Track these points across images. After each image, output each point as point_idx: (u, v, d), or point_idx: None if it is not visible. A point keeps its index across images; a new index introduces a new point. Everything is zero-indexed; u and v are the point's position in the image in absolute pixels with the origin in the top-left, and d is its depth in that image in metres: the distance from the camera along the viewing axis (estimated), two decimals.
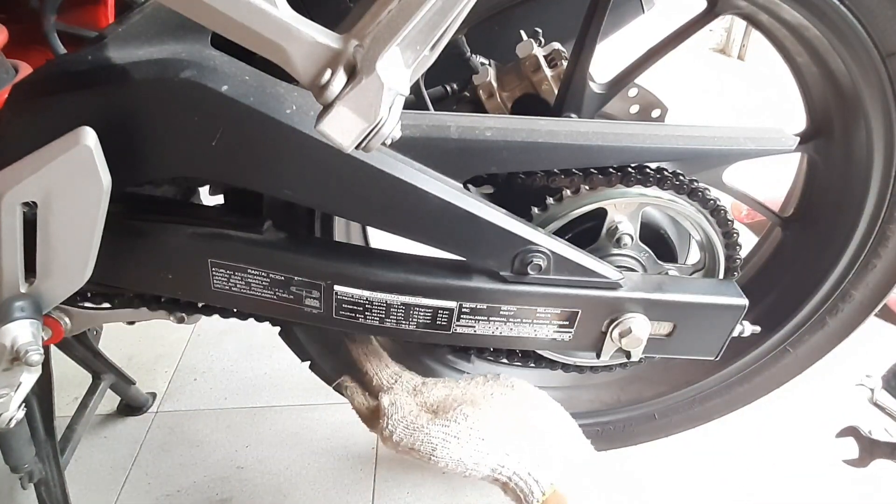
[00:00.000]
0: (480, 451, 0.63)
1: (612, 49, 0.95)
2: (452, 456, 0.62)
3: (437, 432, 0.64)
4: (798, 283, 0.90)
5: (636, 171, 0.68)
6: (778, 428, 1.23)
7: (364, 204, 0.63)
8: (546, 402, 0.72)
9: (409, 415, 0.67)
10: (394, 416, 0.66)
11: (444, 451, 0.63)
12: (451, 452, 0.62)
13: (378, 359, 0.75)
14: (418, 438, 0.64)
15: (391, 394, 0.70)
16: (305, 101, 0.58)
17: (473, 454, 0.63)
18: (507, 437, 0.64)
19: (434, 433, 0.64)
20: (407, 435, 0.64)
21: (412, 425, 0.65)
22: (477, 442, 0.64)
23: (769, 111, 2.41)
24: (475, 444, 0.63)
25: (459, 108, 0.85)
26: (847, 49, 0.69)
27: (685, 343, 0.75)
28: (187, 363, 1.39)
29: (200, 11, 0.43)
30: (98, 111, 0.55)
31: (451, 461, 0.62)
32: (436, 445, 0.63)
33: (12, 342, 0.59)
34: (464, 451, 0.63)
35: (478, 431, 0.64)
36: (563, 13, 0.88)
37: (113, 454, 1.19)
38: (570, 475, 0.64)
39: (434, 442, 0.63)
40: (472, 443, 0.63)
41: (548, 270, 0.68)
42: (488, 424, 0.65)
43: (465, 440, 0.63)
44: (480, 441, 0.64)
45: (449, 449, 0.63)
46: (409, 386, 0.71)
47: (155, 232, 0.66)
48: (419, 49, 0.45)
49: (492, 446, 0.63)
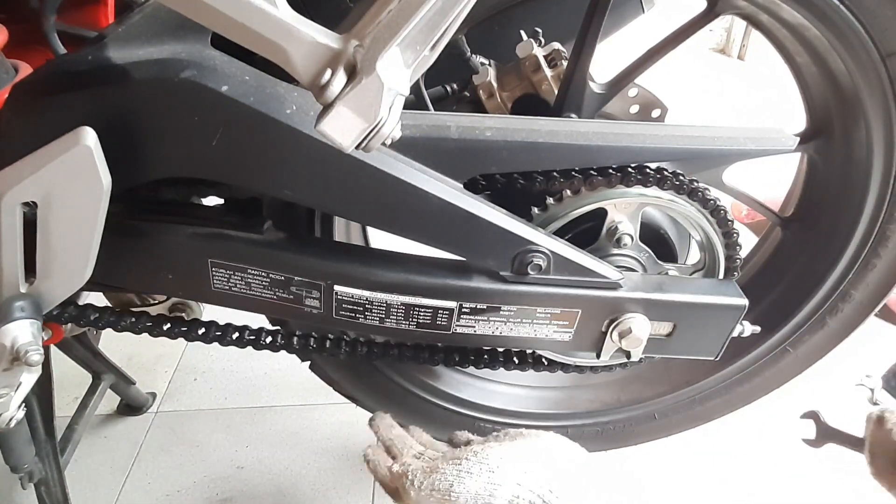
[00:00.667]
0: (494, 482, 0.64)
1: (612, 49, 0.95)
2: (469, 490, 0.64)
3: (450, 470, 0.66)
4: (798, 283, 0.90)
5: (636, 171, 0.68)
6: (778, 428, 1.23)
7: (364, 204, 0.63)
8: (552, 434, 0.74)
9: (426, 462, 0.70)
10: (412, 466, 0.69)
11: (460, 485, 0.65)
12: (467, 487, 0.64)
13: (403, 442, 0.78)
14: (436, 479, 0.66)
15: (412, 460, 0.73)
16: (305, 101, 0.58)
17: (487, 486, 0.64)
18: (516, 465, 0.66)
19: (448, 471, 0.66)
20: (425, 478, 0.67)
21: (429, 468, 0.68)
22: (488, 475, 0.65)
23: (769, 111, 2.41)
24: (486, 476, 0.65)
25: (459, 108, 0.85)
26: (847, 49, 0.69)
27: (685, 343, 0.75)
28: (187, 363, 1.39)
29: (200, 11, 0.43)
30: (98, 111, 0.55)
31: (469, 496, 0.64)
32: (451, 482, 0.65)
33: (12, 342, 0.59)
34: (478, 485, 0.64)
35: (487, 465, 0.66)
36: (563, 13, 0.88)
37: (113, 454, 1.19)
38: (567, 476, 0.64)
39: (450, 479, 0.65)
40: (483, 475, 0.65)
41: (548, 270, 0.68)
42: (497, 456, 0.67)
43: (477, 474, 0.65)
44: (491, 473, 0.65)
45: (464, 484, 0.65)
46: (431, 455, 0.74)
47: (155, 232, 0.66)
48: (419, 49, 0.45)
49: (503, 477, 0.65)
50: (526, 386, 1.02)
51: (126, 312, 0.74)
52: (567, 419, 1.01)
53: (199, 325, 0.76)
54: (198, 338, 0.75)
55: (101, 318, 0.73)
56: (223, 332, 0.76)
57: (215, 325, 0.76)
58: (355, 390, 0.95)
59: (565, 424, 1.01)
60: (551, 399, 1.02)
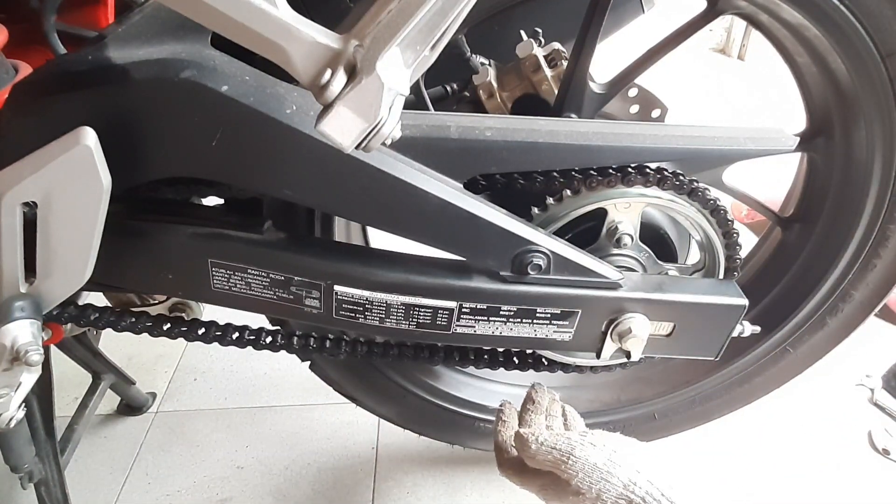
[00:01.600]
0: (614, 461, 0.64)
1: (612, 49, 0.95)
2: (589, 459, 0.64)
3: (576, 437, 0.66)
4: (798, 283, 0.90)
5: (636, 171, 0.68)
6: (778, 428, 1.23)
7: (364, 204, 0.63)
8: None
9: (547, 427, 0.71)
10: (534, 423, 0.71)
11: (582, 452, 0.64)
12: (588, 455, 0.64)
13: (544, 412, 0.77)
14: (560, 440, 0.66)
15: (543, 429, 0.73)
16: (305, 101, 0.58)
17: (608, 462, 0.64)
18: (634, 457, 0.65)
19: (573, 437, 0.66)
20: (549, 435, 0.67)
21: (551, 430, 0.69)
22: (610, 452, 0.65)
23: (769, 111, 2.41)
24: (608, 453, 0.64)
25: (459, 108, 0.85)
26: (847, 49, 0.69)
27: (685, 343, 0.75)
28: (187, 363, 1.39)
29: (200, 11, 0.43)
30: (98, 111, 0.55)
31: (587, 464, 0.63)
32: (574, 447, 0.65)
33: (12, 342, 0.59)
34: (599, 458, 0.64)
35: (612, 446, 0.66)
36: (563, 13, 0.88)
37: (113, 454, 1.19)
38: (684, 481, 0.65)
39: (573, 444, 0.65)
40: (605, 451, 0.64)
41: (548, 270, 0.68)
42: (617, 441, 0.67)
43: (601, 447, 0.65)
44: (613, 452, 0.65)
45: (586, 451, 0.64)
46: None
47: (155, 232, 0.66)
48: (419, 49, 0.45)
49: (623, 459, 0.64)
50: (526, 386, 1.02)
51: (126, 312, 0.74)
52: None
53: (199, 325, 0.76)
54: (198, 338, 0.75)
55: (101, 318, 0.73)
56: (223, 332, 0.76)
57: (215, 325, 0.76)
58: (355, 390, 0.95)
59: None
60: None
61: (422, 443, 1.10)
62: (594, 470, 0.63)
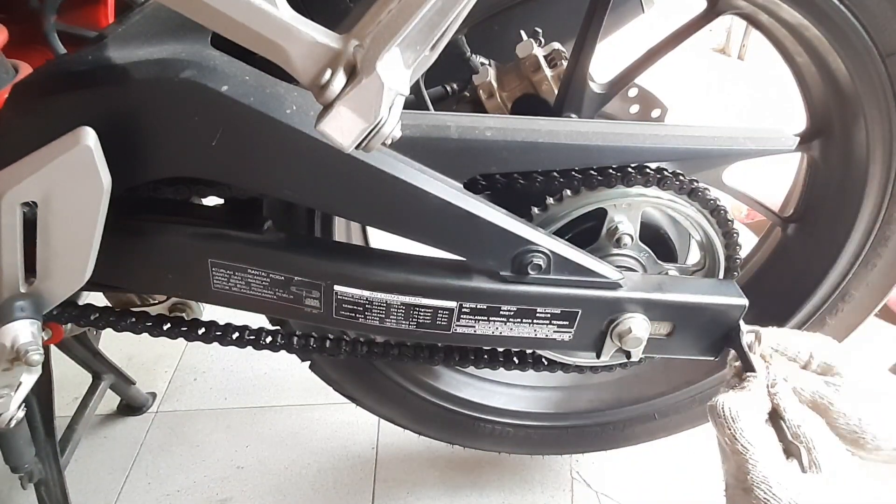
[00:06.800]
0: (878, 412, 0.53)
1: (612, 49, 0.95)
2: (849, 409, 0.53)
3: (825, 384, 0.55)
4: (798, 283, 0.90)
5: (636, 171, 0.68)
6: None
7: (364, 204, 0.63)
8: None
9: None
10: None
11: (842, 404, 0.54)
12: (846, 404, 0.53)
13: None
14: (818, 385, 0.55)
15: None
16: (305, 101, 0.58)
17: (872, 413, 0.53)
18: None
19: (823, 384, 0.55)
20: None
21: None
22: (869, 403, 0.54)
23: (769, 111, 2.41)
24: (869, 405, 0.54)
25: (459, 108, 0.85)
26: (847, 49, 0.69)
27: (685, 343, 0.75)
28: (187, 363, 1.39)
29: (200, 11, 0.43)
30: (98, 111, 0.55)
31: (851, 413, 0.53)
32: (832, 397, 0.54)
33: (12, 342, 0.59)
34: (860, 408, 0.53)
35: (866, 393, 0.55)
36: (563, 13, 0.88)
37: (113, 454, 1.19)
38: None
39: (829, 390, 0.54)
40: (866, 403, 0.54)
41: (548, 270, 0.68)
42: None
43: (859, 399, 0.54)
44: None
45: (843, 400, 0.54)
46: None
47: (155, 232, 0.66)
48: (419, 49, 0.45)
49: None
50: (526, 386, 1.02)
51: (126, 312, 0.74)
52: (567, 419, 1.01)
53: (199, 325, 0.76)
54: (198, 338, 0.75)
55: (101, 318, 0.73)
56: (223, 332, 0.76)
57: (215, 325, 0.76)
58: (355, 390, 0.95)
59: (565, 424, 1.01)
60: (551, 399, 1.02)
61: (422, 443, 1.10)
62: (859, 423, 0.52)
